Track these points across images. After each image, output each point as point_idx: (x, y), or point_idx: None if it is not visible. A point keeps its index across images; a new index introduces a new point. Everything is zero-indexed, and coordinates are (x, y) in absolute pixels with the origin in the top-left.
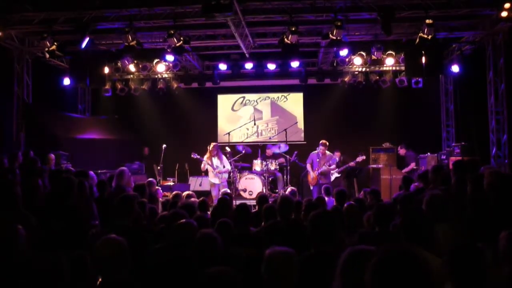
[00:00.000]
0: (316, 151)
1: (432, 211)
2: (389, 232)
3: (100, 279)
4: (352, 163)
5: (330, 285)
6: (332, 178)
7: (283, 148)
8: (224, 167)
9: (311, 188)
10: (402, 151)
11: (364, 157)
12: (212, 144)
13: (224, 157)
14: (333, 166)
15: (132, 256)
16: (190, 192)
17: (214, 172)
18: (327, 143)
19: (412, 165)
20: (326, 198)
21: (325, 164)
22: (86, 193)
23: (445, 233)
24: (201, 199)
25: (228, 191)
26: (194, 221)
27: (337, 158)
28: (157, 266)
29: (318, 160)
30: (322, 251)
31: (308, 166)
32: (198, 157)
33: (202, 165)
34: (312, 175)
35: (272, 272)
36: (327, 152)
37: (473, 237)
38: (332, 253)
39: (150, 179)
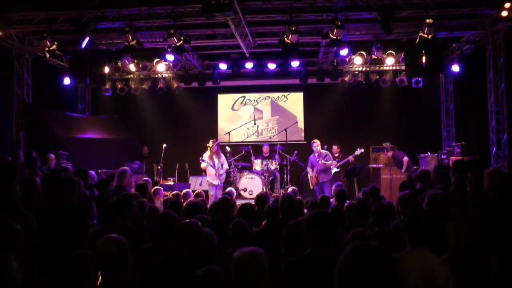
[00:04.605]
0: (313, 153)
1: (433, 210)
2: (389, 232)
3: (100, 279)
4: (350, 157)
5: (326, 286)
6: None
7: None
8: (222, 166)
9: (314, 188)
10: (389, 154)
11: (362, 150)
12: (212, 141)
13: (222, 156)
14: (329, 162)
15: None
16: (199, 191)
17: (216, 173)
18: (317, 141)
19: (406, 159)
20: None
21: (320, 160)
22: (82, 192)
23: (456, 232)
24: (199, 199)
25: (233, 190)
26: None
27: (336, 153)
28: (156, 266)
29: (317, 160)
30: (318, 252)
31: (309, 169)
32: (204, 160)
33: (204, 165)
34: (311, 174)
35: (242, 274)
36: (322, 151)
37: (475, 237)
38: (329, 254)
39: (144, 178)
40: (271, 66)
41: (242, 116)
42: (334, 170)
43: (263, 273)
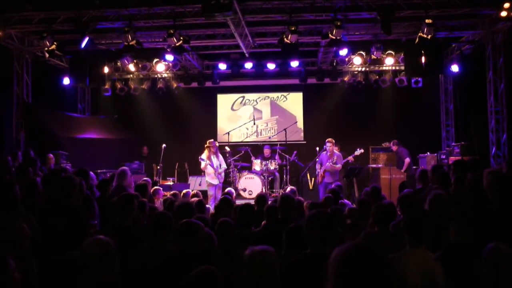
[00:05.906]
0: (325, 151)
1: (435, 210)
2: (389, 232)
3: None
4: (350, 157)
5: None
6: None
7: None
8: (220, 166)
9: (318, 187)
10: (394, 148)
11: (362, 150)
12: (210, 141)
13: (220, 156)
14: (338, 165)
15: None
16: (196, 191)
17: (216, 173)
18: (333, 140)
19: (408, 160)
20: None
21: (329, 161)
22: (84, 192)
23: (456, 232)
24: (197, 199)
25: (233, 190)
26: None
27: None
28: (155, 265)
29: (326, 158)
30: (319, 251)
31: (318, 166)
32: (204, 159)
33: (203, 165)
34: (318, 171)
35: (253, 272)
36: (335, 151)
37: (474, 237)
38: (329, 254)
39: (144, 178)
40: (271, 66)
41: (241, 116)
42: None
43: (274, 272)
